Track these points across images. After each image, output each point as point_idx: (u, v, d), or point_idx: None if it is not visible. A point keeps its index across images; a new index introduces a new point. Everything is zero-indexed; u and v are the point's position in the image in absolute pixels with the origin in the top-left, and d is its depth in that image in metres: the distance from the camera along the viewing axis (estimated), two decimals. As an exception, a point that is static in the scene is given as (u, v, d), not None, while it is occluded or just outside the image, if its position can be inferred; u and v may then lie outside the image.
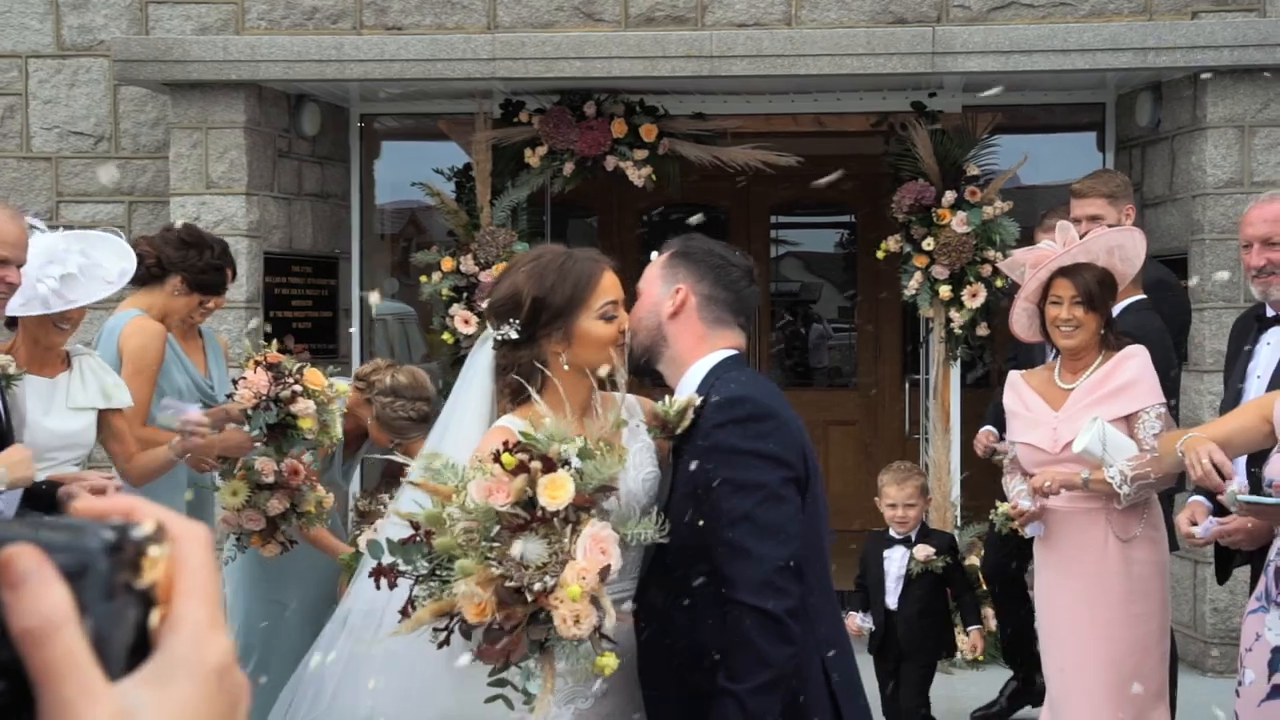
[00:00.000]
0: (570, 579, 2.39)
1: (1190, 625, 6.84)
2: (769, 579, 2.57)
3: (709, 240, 2.97)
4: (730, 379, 2.77)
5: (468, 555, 2.39)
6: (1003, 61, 6.78)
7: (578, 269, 2.84)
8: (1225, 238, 6.74)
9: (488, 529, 2.42)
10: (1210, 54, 6.62)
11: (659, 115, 7.46)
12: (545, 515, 2.42)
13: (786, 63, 6.88)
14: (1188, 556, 6.67)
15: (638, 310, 2.87)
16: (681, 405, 2.69)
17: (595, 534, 2.45)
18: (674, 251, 2.90)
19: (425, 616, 2.45)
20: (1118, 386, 4.35)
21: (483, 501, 2.42)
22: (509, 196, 7.46)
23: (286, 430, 4.52)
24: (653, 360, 2.87)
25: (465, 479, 2.48)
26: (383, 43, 7.03)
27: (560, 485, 2.42)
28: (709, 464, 2.64)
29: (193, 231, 4.84)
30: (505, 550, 2.40)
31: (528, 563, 2.40)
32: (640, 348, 2.85)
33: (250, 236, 7.22)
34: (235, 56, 7.02)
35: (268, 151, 7.38)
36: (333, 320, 7.99)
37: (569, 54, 6.95)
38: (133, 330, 4.61)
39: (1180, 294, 5.39)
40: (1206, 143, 6.76)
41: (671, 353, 2.85)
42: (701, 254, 2.90)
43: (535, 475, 2.43)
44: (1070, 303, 4.39)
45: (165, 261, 4.69)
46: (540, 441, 2.51)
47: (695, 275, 2.86)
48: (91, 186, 7.61)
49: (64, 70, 7.61)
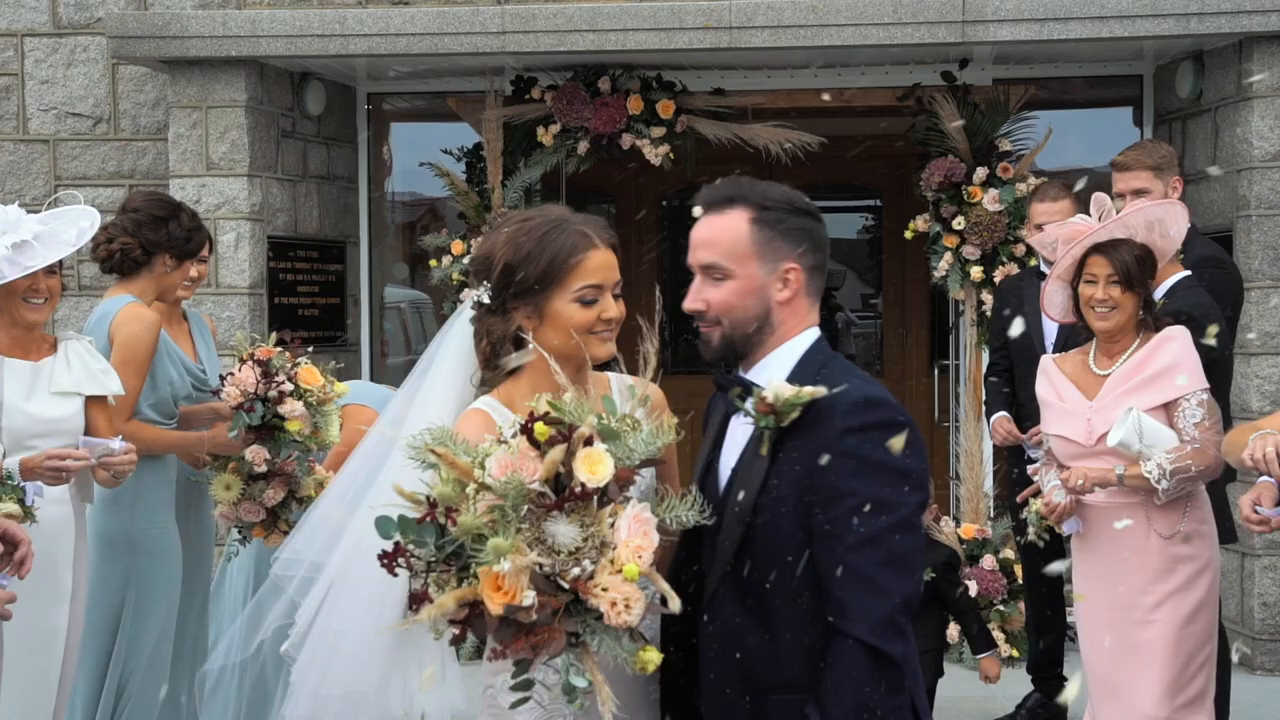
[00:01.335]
0: (626, 557, 2.17)
1: (1238, 621, 6.52)
2: (892, 617, 2.27)
3: (766, 184, 2.54)
4: (842, 372, 2.43)
5: (499, 534, 2.13)
6: (1037, 30, 6.47)
7: (560, 241, 2.57)
8: (1273, 213, 6.41)
9: (517, 508, 2.17)
10: (1258, 19, 6.28)
11: (677, 91, 7.19)
12: (584, 492, 2.19)
13: (809, 34, 6.57)
14: (1234, 550, 6.36)
15: (729, 296, 2.44)
16: (804, 397, 2.31)
17: (638, 515, 2.22)
18: (755, 217, 2.46)
19: (449, 603, 2.17)
20: (1156, 372, 4.07)
21: (511, 477, 2.17)
22: (521, 177, 7.21)
23: (275, 432, 4.30)
24: (750, 350, 2.49)
25: (484, 453, 2.23)
26: (388, 16, 6.75)
27: (599, 460, 2.21)
28: (835, 471, 2.31)
29: (158, 204, 4.57)
30: (535, 533, 2.17)
31: (559, 547, 2.16)
32: (741, 338, 2.47)
33: (253, 220, 6.96)
34: (235, 32, 6.76)
35: (270, 132, 7.11)
36: (341, 307, 7.74)
37: (582, 26, 6.67)
38: (126, 318, 4.37)
39: (1232, 271, 5.06)
40: (1253, 113, 6.43)
41: (774, 338, 2.49)
42: (786, 210, 2.48)
43: (576, 447, 2.21)
44: (1106, 282, 4.11)
45: (148, 245, 4.44)
46: (570, 413, 2.28)
47: (795, 246, 2.47)
48: (90, 170, 7.36)
49: (61, 49, 7.36)
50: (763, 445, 2.36)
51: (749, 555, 2.35)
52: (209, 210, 6.80)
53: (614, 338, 2.65)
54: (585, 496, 2.19)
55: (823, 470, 2.31)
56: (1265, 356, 6.42)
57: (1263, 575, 6.45)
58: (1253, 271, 6.35)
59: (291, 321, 7.22)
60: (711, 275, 2.45)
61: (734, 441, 2.49)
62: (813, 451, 2.32)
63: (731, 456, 2.47)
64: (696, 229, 2.49)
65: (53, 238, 3.94)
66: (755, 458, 2.39)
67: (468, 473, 2.22)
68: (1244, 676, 6.21)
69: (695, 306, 2.48)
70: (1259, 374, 6.40)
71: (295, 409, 4.29)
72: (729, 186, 2.49)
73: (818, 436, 2.33)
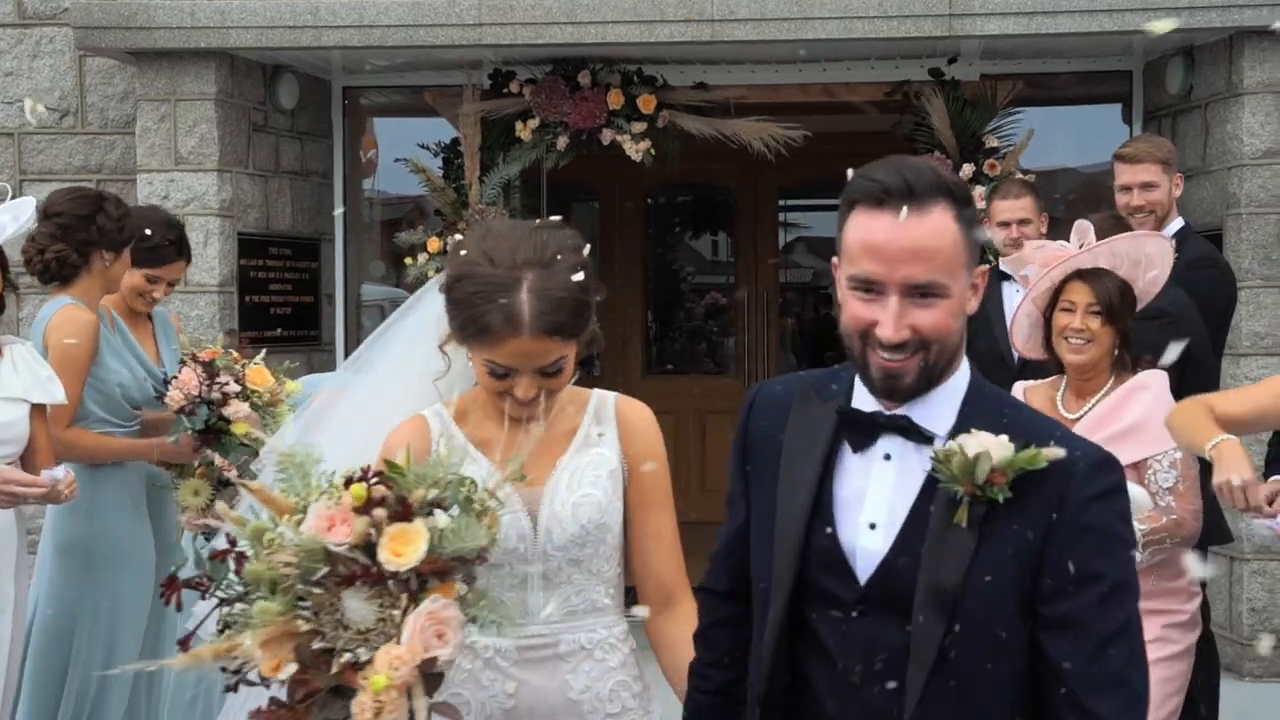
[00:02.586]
0: (380, 665, 1.90)
1: (1226, 626, 6.40)
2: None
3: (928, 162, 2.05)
4: (1030, 414, 2.04)
5: (275, 596, 1.91)
6: (1025, 23, 6.34)
7: (481, 314, 2.26)
8: (1263, 212, 6.30)
9: (311, 569, 1.93)
10: (1249, 13, 6.16)
11: (658, 86, 7.05)
12: (379, 574, 1.93)
13: (793, 26, 6.44)
14: (1223, 554, 6.23)
15: (945, 318, 1.92)
16: (1041, 461, 1.87)
17: (433, 612, 1.97)
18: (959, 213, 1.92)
19: (206, 655, 1.99)
20: (1128, 426, 3.72)
21: (314, 534, 1.94)
22: (499, 173, 7.07)
23: (220, 435, 4.15)
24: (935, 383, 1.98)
25: (311, 496, 2.00)
26: (362, 6, 6.60)
27: (410, 541, 1.95)
28: (1079, 549, 1.89)
29: (79, 201, 4.32)
30: (326, 600, 1.92)
31: (349, 623, 1.92)
32: (941, 369, 1.96)
33: (223, 216, 6.81)
34: (204, 23, 6.60)
35: (241, 125, 6.96)
36: (315, 305, 7.58)
37: (560, 18, 6.52)
38: (59, 322, 4.17)
39: (1225, 272, 4.93)
40: (1243, 110, 6.32)
41: (954, 365, 2.00)
42: (970, 196, 1.99)
43: (380, 522, 1.96)
44: (1085, 311, 3.74)
45: (80, 246, 4.25)
46: (406, 478, 2.02)
47: (975, 237, 1.98)
48: (57, 164, 7.19)
49: (26, 40, 7.19)
50: (959, 514, 1.90)
51: (956, 650, 1.89)
52: (177, 205, 6.64)
53: (534, 415, 2.38)
54: (379, 578, 1.97)
55: (1061, 547, 1.89)
56: (1255, 357, 6.31)
57: (1251, 580, 6.33)
58: (1243, 270, 6.23)
59: (264, 320, 7.07)
60: (918, 294, 1.90)
61: (868, 484, 2.00)
62: (1042, 523, 1.90)
63: (878, 511, 1.98)
64: (891, 233, 1.90)
65: None
66: (950, 530, 1.90)
67: (285, 513, 2.03)
68: (1232, 682, 6.09)
69: (902, 336, 1.90)
70: (1248, 375, 6.28)
71: (240, 410, 4.12)
72: (926, 173, 1.94)
73: (1048, 504, 1.90)
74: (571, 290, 2.30)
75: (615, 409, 2.52)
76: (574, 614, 2.42)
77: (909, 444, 1.97)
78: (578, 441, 2.46)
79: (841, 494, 1.99)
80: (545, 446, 2.40)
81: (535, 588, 2.40)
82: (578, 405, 2.50)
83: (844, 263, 1.96)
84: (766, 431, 2.10)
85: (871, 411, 1.99)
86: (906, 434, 1.96)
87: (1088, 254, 3.81)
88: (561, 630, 2.41)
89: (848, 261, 1.95)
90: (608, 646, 2.45)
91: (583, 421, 2.48)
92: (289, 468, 2.08)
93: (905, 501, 1.96)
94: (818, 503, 2.00)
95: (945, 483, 1.90)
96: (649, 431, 2.52)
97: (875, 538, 1.96)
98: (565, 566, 2.40)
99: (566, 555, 2.40)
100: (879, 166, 1.95)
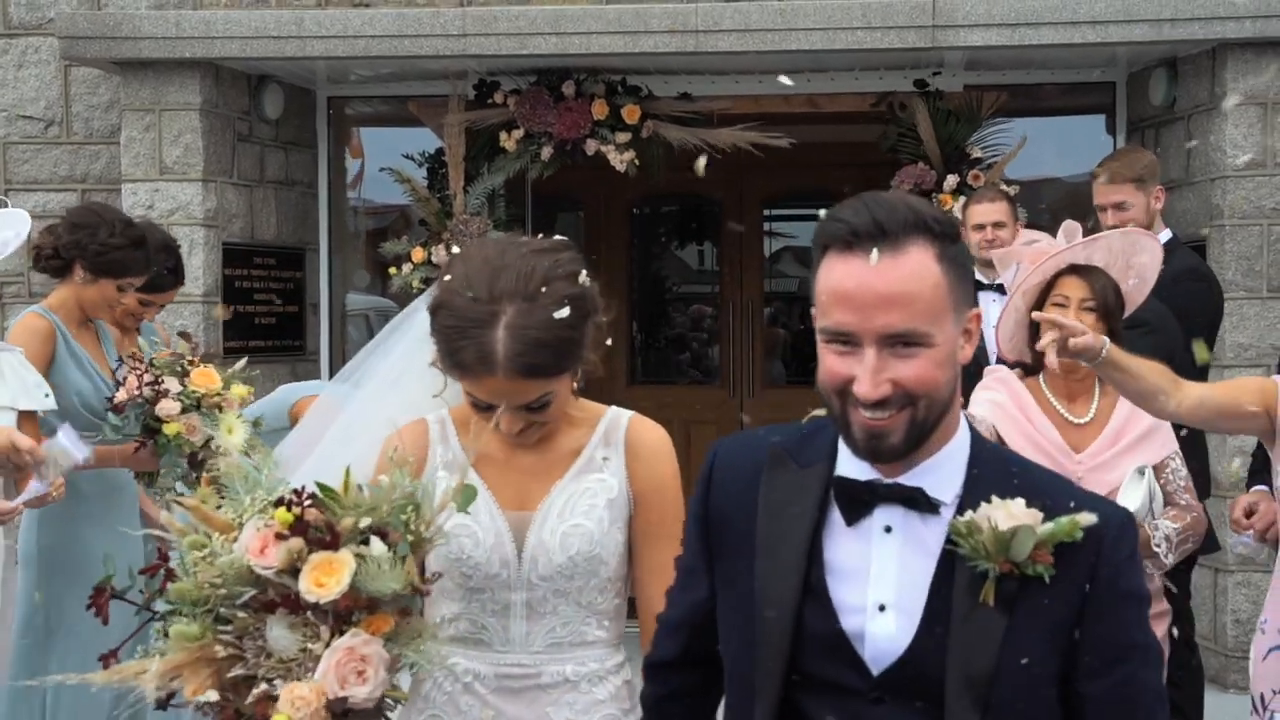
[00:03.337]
0: (283, 703, 1.81)
1: (1210, 638, 6.41)
2: None
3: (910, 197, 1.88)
4: (1037, 469, 1.88)
5: (194, 618, 1.85)
6: (1008, 35, 6.36)
7: (457, 349, 2.16)
8: (1246, 223, 6.32)
9: (237, 591, 1.86)
10: (1232, 25, 6.19)
11: (642, 96, 7.07)
12: (298, 603, 1.85)
13: (776, 37, 6.46)
14: (1208, 565, 6.25)
15: (931, 370, 1.73)
16: (1077, 530, 1.72)
17: (353, 648, 1.87)
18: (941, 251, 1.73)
19: (128, 673, 1.92)
20: (1144, 431, 3.65)
21: (240, 555, 1.86)
22: (484, 182, 7.07)
23: (155, 436, 4.04)
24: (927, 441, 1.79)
25: (247, 514, 1.93)
26: (347, 18, 6.60)
27: (333, 572, 1.86)
28: (1118, 619, 1.75)
29: (85, 211, 4.39)
30: (250, 625, 1.85)
31: (272, 651, 1.84)
32: (933, 423, 1.77)
33: (207, 226, 6.79)
34: (189, 33, 6.59)
35: (226, 135, 6.95)
36: (299, 315, 7.57)
37: (544, 29, 6.53)
38: (17, 329, 4.21)
39: (1212, 284, 4.96)
40: (1226, 122, 6.34)
41: (949, 418, 1.81)
42: (957, 233, 1.79)
43: (299, 551, 1.87)
44: (1079, 306, 3.58)
45: (63, 250, 4.25)
46: (338, 504, 1.92)
47: (964, 277, 1.79)
48: (41, 174, 7.18)
49: (11, 50, 7.17)
50: (985, 592, 1.72)
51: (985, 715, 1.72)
52: (162, 215, 6.62)
53: (527, 441, 2.29)
54: (298, 608, 1.88)
55: (1100, 619, 1.74)
56: (1239, 368, 6.31)
57: (1235, 591, 6.34)
58: (1226, 282, 6.24)
59: (248, 330, 7.07)
60: (898, 344, 1.71)
61: (869, 561, 1.80)
62: (1075, 594, 1.73)
63: (885, 590, 1.78)
64: (863, 279, 1.71)
65: None
66: (976, 610, 1.72)
67: (221, 530, 1.96)
68: (1216, 694, 6.10)
69: (882, 393, 1.71)
70: (1232, 386, 6.30)
71: (171, 409, 3.98)
72: (899, 209, 1.73)
73: (1079, 573, 1.73)
74: (552, 329, 2.14)
75: (625, 433, 2.35)
76: (559, 646, 2.31)
77: (912, 514, 1.78)
78: (579, 465, 2.32)
79: (836, 573, 1.80)
80: (544, 467, 2.31)
81: (518, 615, 2.29)
82: (588, 424, 2.36)
83: (818, 313, 1.78)
84: (734, 503, 1.90)
85: (868, 480, 1.79)
86: (909, 504, 1.77)
87: (1082, 248, 3.70)
88: (545, 661, 2.30)
89: (821, 312, 1.76)
90: (596, 679, 2.33)
91: (589, 443, 2.33)
92: (233, 481, 2.01)
93: (917, 580, 1.76)
94: (808, 583, 1.79)
95: (974, 559, 1.72)
96: (659, 458, 2.35)
97: (886, 621, 1.76)
98: (551, 597, 2.29)
99: (552, 586, 2.28)
100: (848, 205, 1.77)
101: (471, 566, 2.26)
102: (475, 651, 2.30)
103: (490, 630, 2.29)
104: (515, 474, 2.31)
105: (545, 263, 2.19)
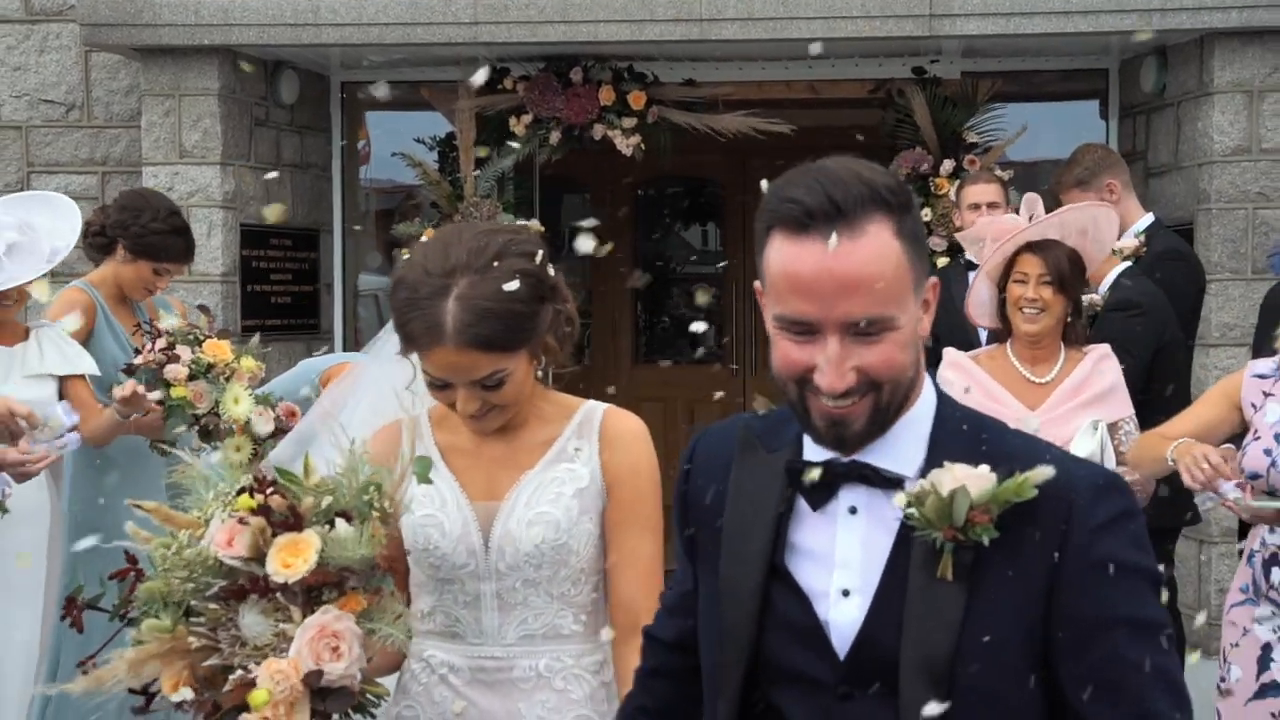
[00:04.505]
0: (263, 679, 1.84)
1: (1194, 606, 6.63)
2: None
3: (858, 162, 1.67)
4: (1013, 434, 1.74)
5: (163, 613, 1.89)
6: (1003, 24, 6.54)
7: (408, 321, 2.15)
8: (1232, 207, 6.51)
9: (206, 583, 1.91)
10: (1219, 15, 6.37)
11: (648, 82, 7.24)
12: (267, 585, 1.88)
13: (779, 25, 6.64)
14: (1192, 537, 6.46)
15: (894, 353, 1.62)
16: (1028, 488, 1.58)
17: (325, 625, 1.89)
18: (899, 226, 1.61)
19: (106, 678, 1.94)
20: (1106, 388, 3.96)
21: (207, 547, 1.90)
22: (493, 166, 7.24)
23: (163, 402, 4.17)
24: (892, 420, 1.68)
25: (208, 510, 1.97)
26: (361, 5, 6.79)
27: (299, 552, 1.88)
28: (1093, 591, 1.60)
29: (134, 194, 4.66)
30: (223, 615, 1.90)
31: (246, 638, 1.88)
32: (899, 405, 1.67)
33: (225, 208, 7.00)
34: (208, 20, 6.78)
35: (244, 120, 7.14)
36: (314, 295, 7.78)
37: (553, 17, 6.72)
38: (59, 303, 4.46)
39: (1193, 264, 5.15)
40: (1213, 108, 6.52)
41: (914, 393, 1.70)
42: (910, 198, 1.66)
43: (263, 533, 1.90)
44: (1037, 282, 3.93)
45: (109, 228, 4.51)
46: (297, 486, 1.95)
47: (921, 248, 1.67)
48: (63, 156, 7.38)
49: (33, 36, 7.37)
50: (942, 566, 1.60)
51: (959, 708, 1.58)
52: (182, 198, 6.82)
53: (488, 428, 2.27)
54: (268, 591, 1.89)
55: (1072, 591, 1.59)
56: (1224, 348, 6.52)
57: (1219, 562, 6.55)
58: (1212, 264, 6.44)
59: (264, 309, 7.27)
60: (862, 330, 1.60)
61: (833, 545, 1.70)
62: (1043, 564, 1.60)
63: (850, 575, 1.68)
64: (821, 265, 1.58)
65: (27, 252, 4.01)
66: (934, 586, 1.60)
67: (190, 528, 1.97)
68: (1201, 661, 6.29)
69: (847, 383, 1.61)
70: (1218, 365, 6.49)
71: (179, 373, 4.10)
72: (853, 184, 1.60)
73: (1047, 541, 1.60)
74: (502, 300, 2.12)
75: (600, 424, 2.32)
76: (531, 638, 2.29)
77: (876, 491, 1.67)
78: (550, 455, 2.30)
79: (802, 559, 1.70)
80: (514, 458, 2.30)
81: (489, 607, 2.28)
82: (562, 416, 2.34)
83: (769, 297, 1.65)
84: (703, 491, 1.80)
85: (824, 460, 1.68)
86: (871, 481, 1.66)
87: (1035, 227, 4.03)
88: (518, 654, 2.28)
89: (773, 298, 1.64)
90: (571, 677, 2.30)
91: (562, 433, 2.32)
92: (190, 481, 2.03)
93: (879, 559, 1.66)
94: (774, 569, 1.70)
95: (921, 530, 1.60)
96: (633, 446, 2.32)
97: (850, 606, 1.66)
98: (520, 587, 2.27)
99: (520, 575, 2.26)
100: (798, 180, 1.63)
101: (439, 557, 2.27)
102: (450, 644, 2.31)
103: (463, 623, 2.30)
104: (485, 465, 2.31)
105: (500, 239, 2.19)
